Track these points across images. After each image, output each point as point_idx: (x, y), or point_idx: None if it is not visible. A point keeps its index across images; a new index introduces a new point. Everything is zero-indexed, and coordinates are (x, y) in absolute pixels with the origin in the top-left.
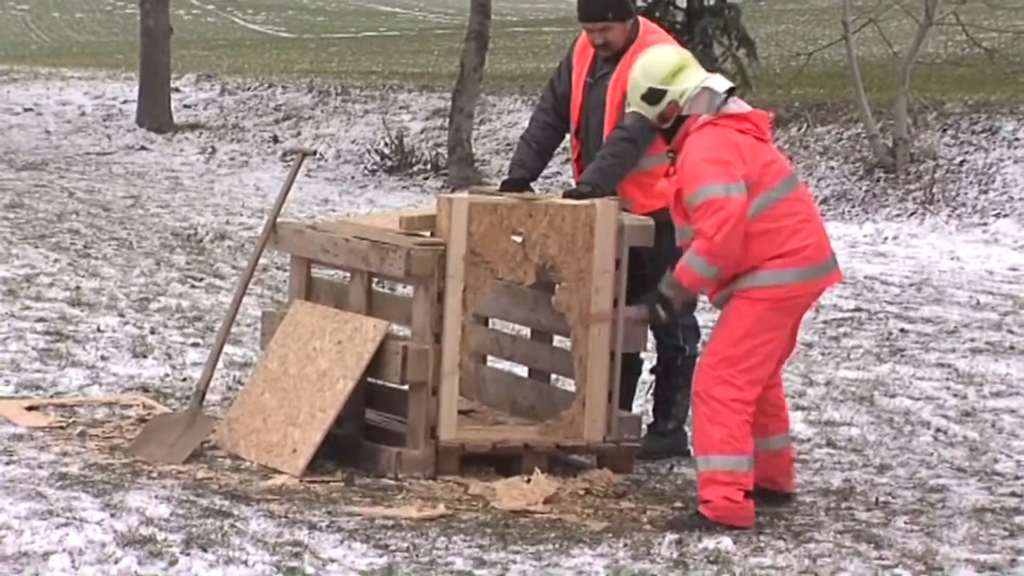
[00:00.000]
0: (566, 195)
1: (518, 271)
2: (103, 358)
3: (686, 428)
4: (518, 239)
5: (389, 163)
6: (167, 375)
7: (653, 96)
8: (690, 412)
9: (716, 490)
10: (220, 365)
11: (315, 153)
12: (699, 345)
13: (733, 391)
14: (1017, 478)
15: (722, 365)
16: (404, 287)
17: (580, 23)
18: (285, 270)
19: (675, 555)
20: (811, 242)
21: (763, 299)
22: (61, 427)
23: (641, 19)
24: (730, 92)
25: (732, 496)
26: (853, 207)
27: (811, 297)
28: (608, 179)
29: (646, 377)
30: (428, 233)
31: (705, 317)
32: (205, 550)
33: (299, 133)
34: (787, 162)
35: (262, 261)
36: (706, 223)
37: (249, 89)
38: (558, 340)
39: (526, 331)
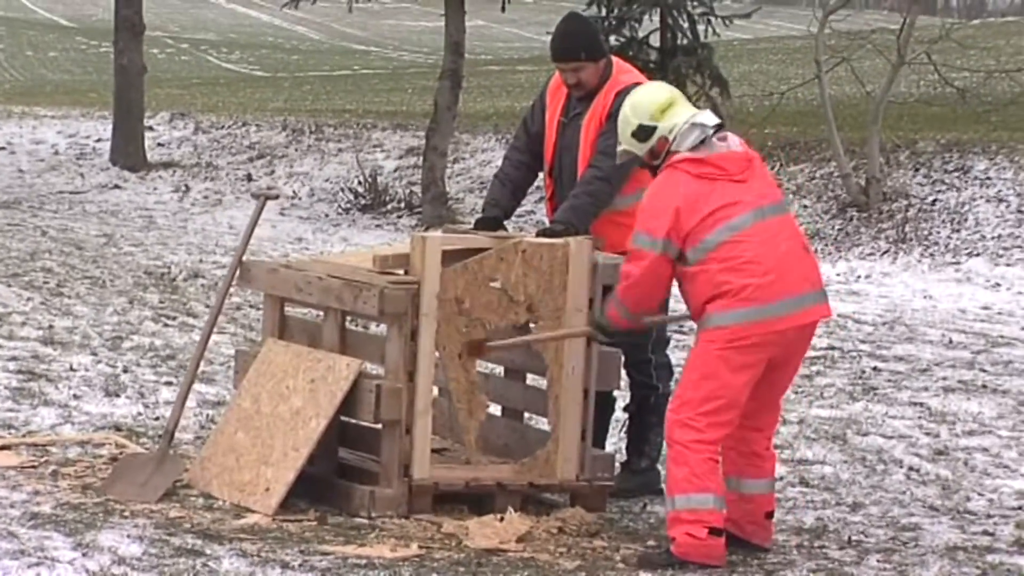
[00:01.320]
0: (539, 234)
1: (508, 315)
2: (76, 397)
3: (659, 466)
4: (496, 285)
5: (363, 201)
6: (140, 414)
7: (643, 133)
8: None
9: (680, 528)
10: (193, 404)
11: (277, 197)
12: (672, 383)
13: (693, 433)
14: (989, 516)
15: (683, 408)
16: (378, 325)
17: (553, 63)
18: (258, 308)
19: None
20: (751, 282)
21: (714, 340)
22: (33, 466)
23: (614, 58)
24: (718, 127)
25: (695, 533)
26: (826, 246)
27: (774, 337)
28: (582, 218)
29: (619, 415)
30: (402, 272)
31: (678, 356)
32: None
33: (273, 171)
34: (761, 196)
35: (235, 299)
36: (626, 268)
37: (223, 127)
38: (531, 379)
39: (499, 370)
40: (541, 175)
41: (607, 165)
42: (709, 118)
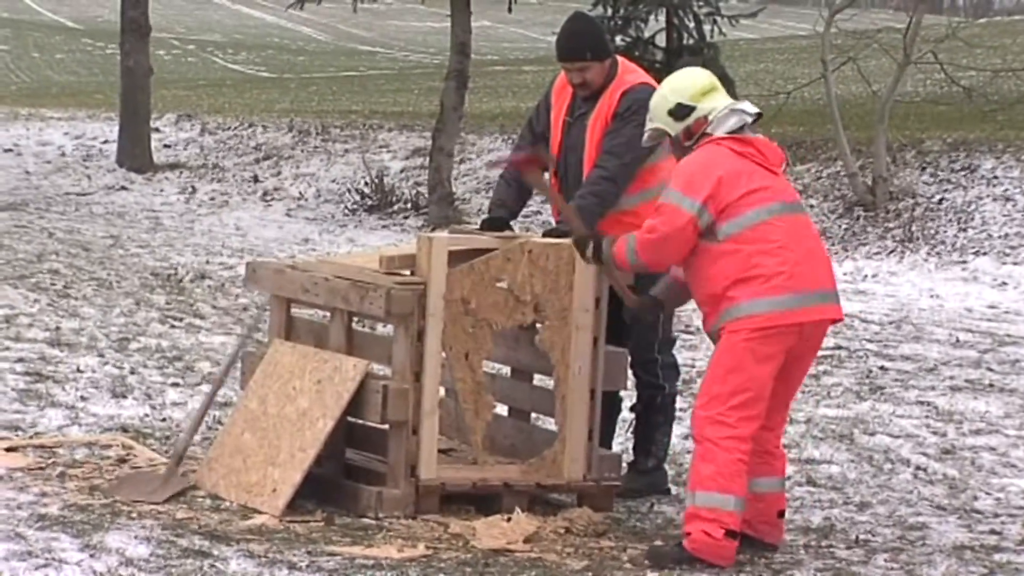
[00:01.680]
0: (546, 234)
1: (515, 315)
2: (83, 398)
3: (666, 466)
4: (503, 285)
5: (369, 202)
6: (147, 415)
7: (681, 111)
8: (671, 450)
9: (697, 524)
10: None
11: (260, 331)
12: (679, 383)
13: (726, 429)
14: (996, 515)
15: (712, 404)
16: (384, 326)
17: (559, 63)
18: (265, 309)
19: None
20: (784, 269)
21: (740, 331)
22: (40, 468)
23: (620, 58)
24: (758, 117)
25: (711, 532)
26: (833, 245)
27: (796, 329)
28: (588, 218)
29: (626, 415)
30: (408, 272)
31: (685, 355)
32: None
33: (279, 172)
34: (788, 193)
35: (242, 300)
36: (654, 220)
37: (229, 129)
38: (538, 379)
39: (506, 370)
40: (547, 175)
41: (613, 165)
42: (749, 107)
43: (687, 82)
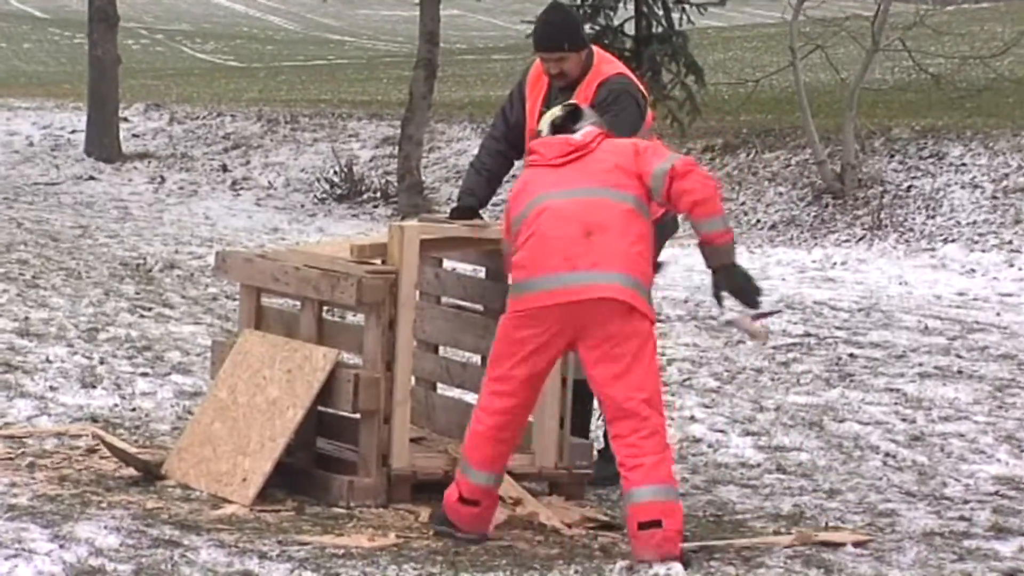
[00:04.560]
0: None
1: None
2: (52, 388)
3: None
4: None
5: (339, 191)
6: (116, 405)
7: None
8: None
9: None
10: (170, 394)
11: None
12: None
13: (481, 400)
14: (966, 502)
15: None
16: (355, 315)
17: (536, 53)
18: (235, 299)
19: None
20: (524, 255)
21: (506, 311)
22: (9, 458)
23: (596, 48)
24: (570, 113)
25: (450, 492)
26: (802, 232)
27: (534, 314)
28: None
29: (597, 404)
30: (379, 261)
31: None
32: None
33: (248, 162)
34: (560, 181)
35: (212, 290)
36: None
37: (198, 118)
38: None
39: (476, 358)
40: (518, 163)
41: None
42: (564, 106)
43: None
